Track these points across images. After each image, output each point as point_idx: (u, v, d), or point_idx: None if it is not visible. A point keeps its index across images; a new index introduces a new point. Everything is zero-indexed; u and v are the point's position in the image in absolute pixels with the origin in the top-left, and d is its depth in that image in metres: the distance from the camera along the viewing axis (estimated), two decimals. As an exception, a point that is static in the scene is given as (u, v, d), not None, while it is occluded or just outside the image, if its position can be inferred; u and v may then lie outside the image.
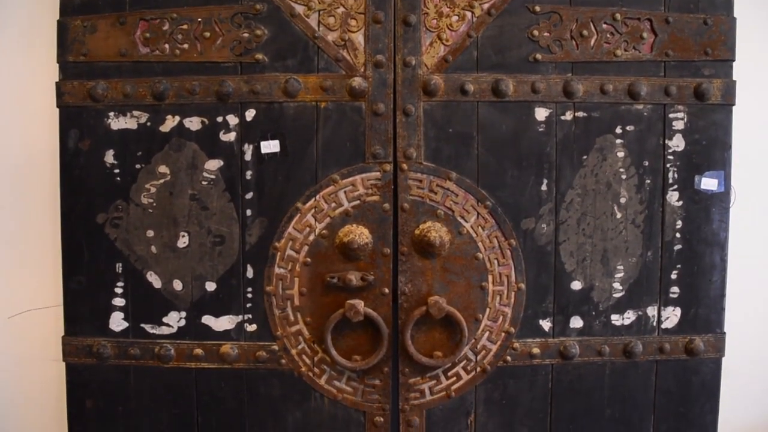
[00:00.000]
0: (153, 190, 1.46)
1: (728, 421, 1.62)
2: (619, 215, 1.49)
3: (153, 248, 1.46)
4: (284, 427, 1.48)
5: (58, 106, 1.45)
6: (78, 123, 1.45)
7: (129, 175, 1.45)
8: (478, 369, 1.48)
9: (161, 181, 1.45)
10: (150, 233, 1.46)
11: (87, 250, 1.46)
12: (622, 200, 1.49)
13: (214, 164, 1.45)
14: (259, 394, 1.47)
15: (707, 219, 1.51)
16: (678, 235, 1.51)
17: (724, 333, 1.53)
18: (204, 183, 1.45)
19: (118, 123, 1.45)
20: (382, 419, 1.48)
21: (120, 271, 1.47)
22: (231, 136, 1.44)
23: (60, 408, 1.52)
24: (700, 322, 1.53)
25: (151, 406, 1.48)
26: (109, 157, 1.45)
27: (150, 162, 1.45)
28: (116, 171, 1.45)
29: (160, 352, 1.46)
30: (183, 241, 1.45)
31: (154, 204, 1.45)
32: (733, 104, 1.49)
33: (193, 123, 1.44)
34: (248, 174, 1.44)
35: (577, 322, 1.50)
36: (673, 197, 1.50)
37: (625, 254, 1.50)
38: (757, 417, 1.78)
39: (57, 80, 1.45)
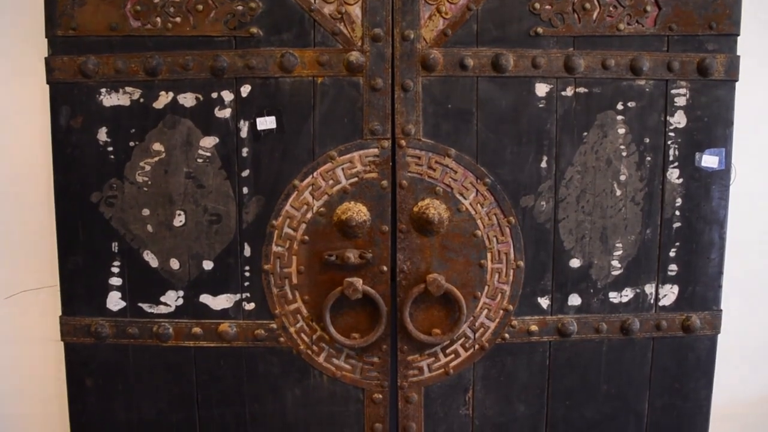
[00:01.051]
0: (147, 168, 1.26)
1: (721, 396, 1.43)
2: (618, 193, 1.30)
3: (149, 227, 1.27)
4: (283, 404, 1.31)
5: (48, 83, 1.26)
6: (69, 100, 1.25)
7: (123, 152, 1.26)
8: (477, 346, 1.31)
9: (156, 158, 1.26)
10: (145, 212, 1.27)
11: (82, 229, 1.28)
12: (622, 177, 1.30)
13: (209, 141, 1.25)
14: (258, 372, 1.30)
15: (707, 197, 1.32)
16: (677, 212, 1.32)
17: (721, 310, 1.36)
18: (199, 161, 1.25)
19: (110, 99, 1.25)
20: (380, 396, 1.31)
21: (116, 251, 1.28)
22: (226, 113, 1.24)
23: (60, 386, 1.33)
24: (697, 299, 1.36)
25: (151, 384, 1.31)
26: (102, 135, 1.25)
27: (144, 139, 1.26)
28: (110, 149, 1.26)
29: (158, 331, 1.28)
30: (179, 220, 1.26)
31: (149, 182, 1.26)
32: (737, 80, 1.30)
33: (188, 99, 1.24)
34: (244, 151, 1.25)
35: (575, 300, 1.32)
36: (673, 175, 1.31)
37: (624, 232, 1.31)
38: (749, 392, 1.61)
39: (46, 56, 1.22)
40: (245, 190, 1.30)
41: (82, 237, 1.31)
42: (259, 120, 1.28)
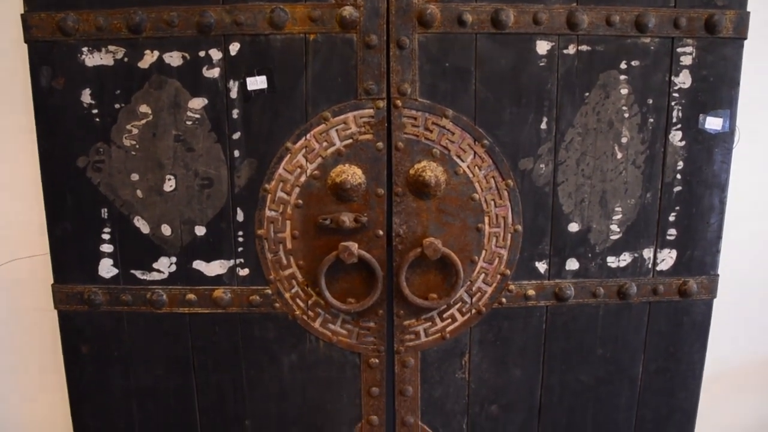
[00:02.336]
0: (135, 131, 1.05)
1: (714, 360, 1.25)
2: (619, 155, 1.09)
3: (138, 192, 1.06)
4: (280, 369, 1.13)
5: (26, 41, 1.06)
6: (49, 60, 1.04)
7: (108, 115, 1.05)
8: (473, 311, 1.12)
9: (143, 121, 1.04)
10: (134, 177, 1.06)
11: (70, 195, 1.08)
12: (624, 140, 1.08)
13: (198, 103, 1.03)
14: (253, 337, 1.11)
15: (709, 160, 1.12)
16: (678, 176, 1.12)
17: (718, 275, 1.18)
18: (188, 123, 1.04)
19: (92, 59, 1.02)
20: (377, 361, 1.13)
21: (106, 217, 1.08)
22: (215, 72, 1.02)
23: (57, 356, 1.14)
24: (695, 264, 1.17)
25: (147, 351, 1.13)
26: (86, 97, 1.04)
27: (130, 101, 1.04)
28: (94, 111, 1.05)
29: (152, 297, 1.08)
30: (169, 185, 1.05)
31: (137, 146, 1.05)
32: (745, 38, 1.10)
33: (174, 58, 1.02)
34: (235, 113, 1.03)
35: (573, 264, 1.13)
36: (675, 137, 1.10)
37: (624, 196, 1.11)
38: (742, 355, 1.43)
39: (22, 12, 0.98)
40: (236, 153, 1.09)
41: (70, 203, 1.12)
42: (249, 80, 1.07)
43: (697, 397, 1.32)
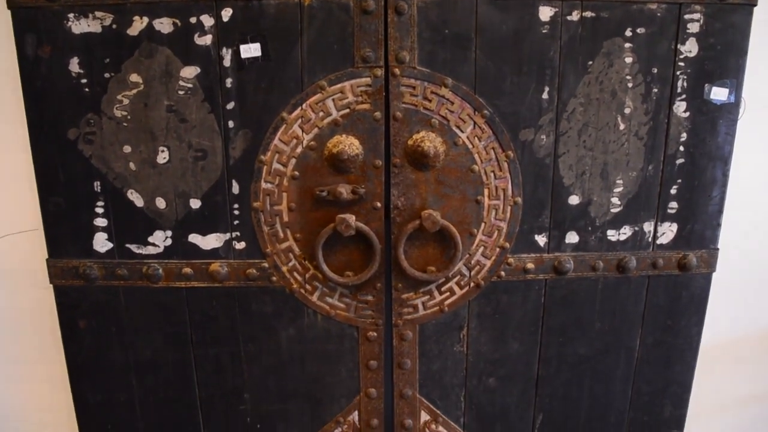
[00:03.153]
0: (126, 101, 0.93)
1: (711, 333, 1.15)
2: (622, 126, 0.97)
3: (131, 165, 0.94)
4: (278, 343, 1.03)
5: (9, 8, 0.94)
6: (34, 27, 0.93)
7: (98, 85, 0.94)
8: (472, 284, 1.01)
9: (134, 91, 0.92)
10: (127, 149, 0.94)
11: (61, 168, 0.96)
12: (627, 110, 0.96)
13: (190, 71, 0.91)
14: (251, 311, 1.01)
15: (713, 131, 1.00)
16: (681, 148, 1.00)
17: (718, 249, 1.06)
18: (181, 93, 0.92)
19: (79, 26, 0.91)
20: (375, 334, 1.02)
21: (99, 190, 0.97)
22: (207, 40, 0.90)
23: (56, 332, 1.05)
24: (695, 237, 1.06)
25: (144, 325, 1.03)
26: (74, 66, 0.92)
27: (120, 70, 0.92)
28: (83, 81, 0.92)
29: (148, 272, 0.98)
30: (163, 157, 0.93)
31: (129, 117, 0.93)
32: (755, 4, 0.96)
33: (164, 25, 0.90)
34: (228, 82, 0.91)
35: (572, 238, 1.02)
36: (680, 108, 0.98)
37: (625, 168, 0.99)
38: (739, 329, 1.33)
39: None
40: (231, 123, 0.97)
41: (62, 177, 1.00)
42: (242, 47, 0.95)
43: (693, 370, 1.23)
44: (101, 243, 1.10)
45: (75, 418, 1.18)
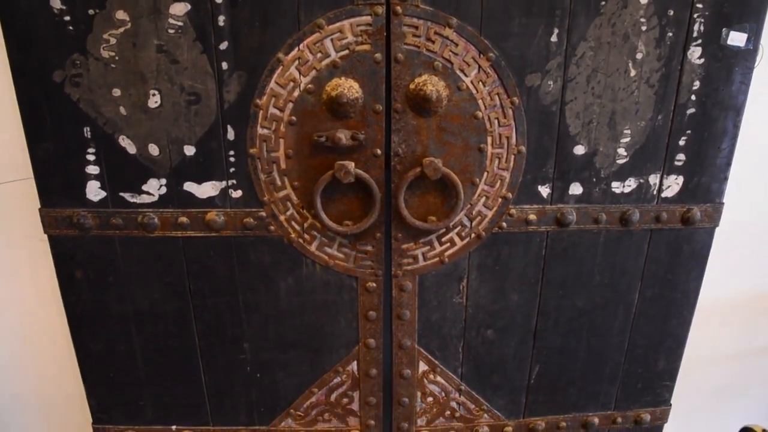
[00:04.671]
0: (113, 41, 0.88)
1: (710, 288, 1.15)
2: (633, 73, 0.93)
3: (122, 109, 0.90)
4: (277, 293, 1.02)
5: (-17, -67, 0.82)
6: (12, -45, 0.82)
7: (82, 23, 0.89)
8: (473, 235, 0.99)
9: (121, 29, 0.88)
10: (116, 92, 0.90)
11: (49, 114, 0.93)
12: (639, 56, 0.91)
13: (180, 8, 0.86)
14: (249, 261, 0.99)
15: (727, 80, 0.96)
16: (693, 97, 0.96)
17: (722, 203, 1.04)
18: (171, 32, 0.87)
19: None
20: (374, 285, 1.01)
21: (89, 137, 0.93)
22: None
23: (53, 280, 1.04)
24: (701, 191, 1.03)
25: (141, 276, 1.01)
26: (56, 1, 0.86)
27: (104, 6, 0.87)
28: (66, 18, 0.87)
29: (143, 221, 0.95)
30: (154, 101, 0.89)
31: (117, 57, 0.89)
32: None
33: None
34: (221, 20, 0.86)
35: (576, 189, 0.99)
36: (694, 54, 0.93)
37: (634, 117, 0.95)
38: (734, 285, 1.33)
39: None
40: (224, 65, 0.92)
41: (50, 122, 0.97)
42: (234, -19, 0.88)
43: (689, 325, 1.23)
44: (94, 191, 1.07)
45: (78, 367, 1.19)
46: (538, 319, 1.20)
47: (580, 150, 1.09)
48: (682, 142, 1.10)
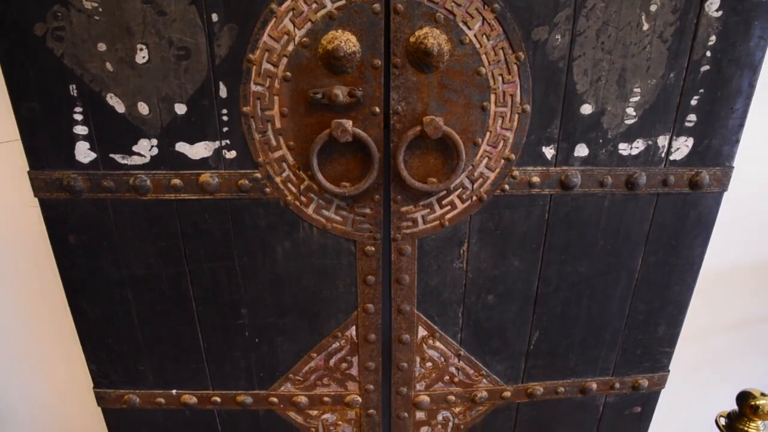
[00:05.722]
0: None
1: (713, 255, 1.13)
2: (646, 26, 0.87)
3: (108, 65, 0.86)
4: (273, 257, 1.00)
5: None
6: None
7: None
8: (474, 198, 0.96)
9: None
10: (101, 47, 0.85)
11: (31, 69, 0.89)
12: (653, 8, 0.86)
13: None
14: (245, 225, 0.97)
15: (746, 35, 0.90)
16: (708, 53, 0.91)
17: (732, 167, 0.99)
18: None
19: None
20: (373, 248, 0.99)
21: (75, 95, 0.89)
22: None
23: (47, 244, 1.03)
24: (711, 154, 0.99)
25: (136, 240, 0.99)
26: None
27: None
28: None
29: (135, 183, 0.92)
30: (142, 56, 0.85)
31: (100, 9, 0.84)
32: None
33: None
34: None
35: (582, 151, 0.95)
36: (712, 6, 0.88)
37: (645, 75, 0.91)
38: (737, 255, 1.31)
39: None
40: (215, 17, 0.87)
41: (33, 79, 0.93)
42: (222, -77, 0.82)
43: (691, 291, 1.22)
44: (84, 153, 1.04)
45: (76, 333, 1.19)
46: (539, 284, 1.18)
47: (587, 109, 1.04)
48: (694, 102, 1.06)
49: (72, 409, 1.55)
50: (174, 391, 1.26)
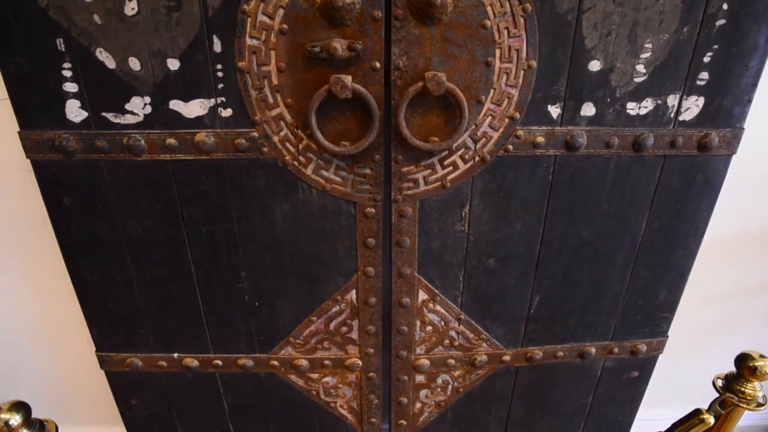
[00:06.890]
0: None
1: (717, 222, 1.12)
2: None
3: (96, 17, 0.82)
4: (272, 219, 0.99)
5: None
6: None
7: None
8: (477, 158, 0.94)
9: None
10: None
11: (15, 23, 0.84)
12: None
13: None
14: (242, 185, 0.95)
15: None
16: (725, 6, 0.87)
17: (743, 129, 0.97)
18: None
19: None
20: (373, 210, 0.98)
21: (63, 50, 0.86)
22: None
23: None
24: (721, 114, 0.96)
25: (132, 202, 0.97)
26: None
27: None
28: None
29: (129, 143, 0.90)
30: (131, 7, 0.81)
31: None
32: None
33: None
34: None
35: (589, 110, 0.93)
36: None
37: (657, 29, 0.87)
38: (742, 220, 1.30)
39: None
40: None
41: (18, 33, 0.89)
42: None
43: (694, 256, 1.22)
44: (75, 112, 1.01)
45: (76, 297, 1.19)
46: (542, 248, 1.18)
47: (595, 66, 1.01)
48: (707, 59, 1.03)
49: (77, 372, 1.58)
50: (176, 355, 1.28)
